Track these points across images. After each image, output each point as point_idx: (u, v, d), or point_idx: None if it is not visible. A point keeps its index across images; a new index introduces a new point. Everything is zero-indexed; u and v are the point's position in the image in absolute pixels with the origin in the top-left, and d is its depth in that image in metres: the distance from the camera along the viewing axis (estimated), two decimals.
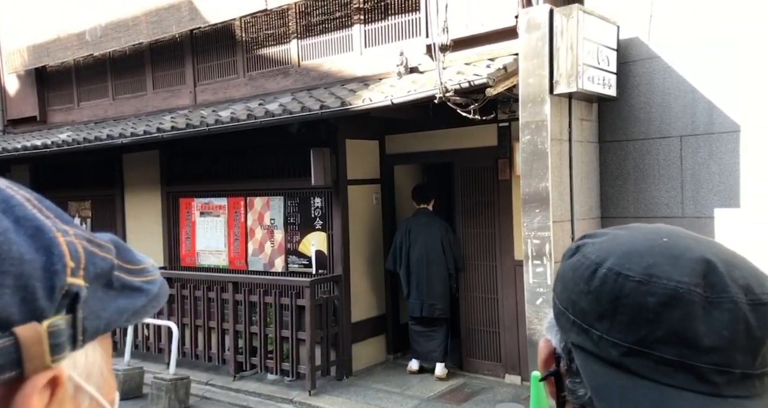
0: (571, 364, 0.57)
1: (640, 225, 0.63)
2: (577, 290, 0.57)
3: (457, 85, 4.35)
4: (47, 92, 8.91)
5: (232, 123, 5.67)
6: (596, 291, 0.55)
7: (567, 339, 0.58)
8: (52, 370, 0.33)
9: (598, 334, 0.54)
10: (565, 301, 0.58)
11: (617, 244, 0.58)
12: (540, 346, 0.63)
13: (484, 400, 5.30)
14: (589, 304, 0.55)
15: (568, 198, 4.44)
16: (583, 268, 0.57)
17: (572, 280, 0.58)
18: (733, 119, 4.42)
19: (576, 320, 0.56)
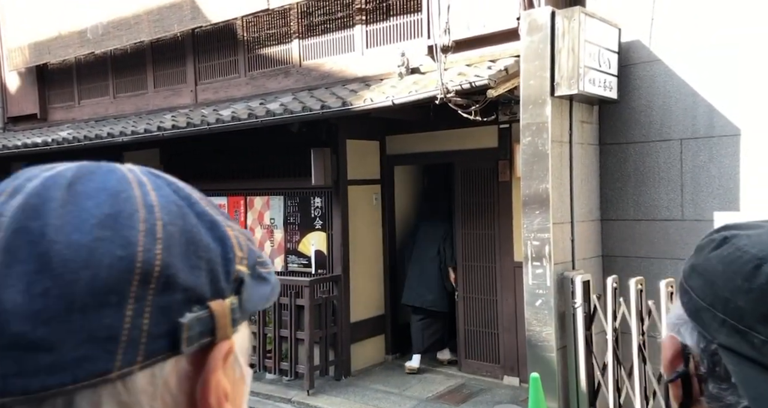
0: (715, 367, 0.52)
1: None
2: (731, 286, 0.51)
3: (458, 86, 4.36)
4: (48, 90, 8.91)
5: (233, 122, 5.68)
6: (761, 289, 0.50)
7: (713, 339, 0.52)
8: (229, 340, 0.40)
9: (761, 337, 0.49)
10: (711, 297, 0.53)
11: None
12: (664, 345, 0.58)
13: (482, 402, 5.30)
14: (750, 304, 0.50)
15: (568, 200, 4.45)
16: (741, 262, 0.52)
17: (723, 274, 0.52)
18: (734, 123, 4.42)
19: (728, 320, 0.51)
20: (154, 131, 6.23)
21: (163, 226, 0.38)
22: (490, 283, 5.81)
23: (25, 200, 0.36)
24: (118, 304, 0.35)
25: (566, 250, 4.40)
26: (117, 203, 0.37)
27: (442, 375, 5.96)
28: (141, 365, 0.35)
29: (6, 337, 0.33)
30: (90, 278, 0.34)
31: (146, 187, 0.40)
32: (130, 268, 0.35)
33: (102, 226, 0.36)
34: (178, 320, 0.37)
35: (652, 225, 4.73)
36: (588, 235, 4.69)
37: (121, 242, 0.36)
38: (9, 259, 0.34)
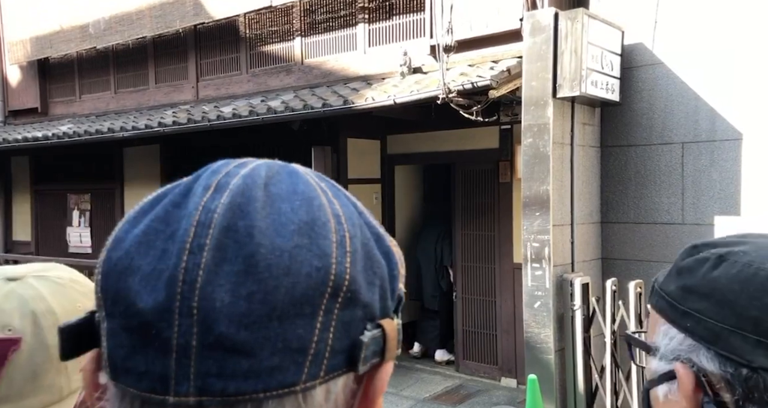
0: (754, 392, 0.49)
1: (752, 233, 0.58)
2: (758, 305, 0.49)
3: (460, 86, 4.35)
4: (49, 84, 8.89)
5: (234, 119, 5.67)
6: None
7: (748, 363, 0.49)
8: (392, 362, 0.39)
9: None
10: (734, 319, 0.50)
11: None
12: (680, 374, 0.53)
13: (479, 403, 5.29)
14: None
15: (569, 202, 4.44)
16: (760, 279, 0.50)
17: (745, 294, 0.50)
18: (736, 127, 4.41)
19: (763, 340, 0.48)
20: (154, 127, 6.22)
21: (350, 239, 0.37)
22: (490, 284, 5.80)
23: (232, 198, 0.35)
24: (311, 316, 0.34)
25: (566, 252, 4.39)
26: (312, 210, 0.37)
27: (440, 376, 5.95)
28: (322, 380, 0.35)
29: (213, 336, 0.33)
30: (290, 286, 0.34)
31: (329, 195, 0.39)
32: (325, 280, 0.35)
33: (300, 233, 0.35)
34: (358, 337, 0.36)
35: (652, 228, 4.72)
36: (588, 237, 4.68)
37: (317, 252, 0.35)
38: (219, 257, 0.33)
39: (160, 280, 0.33)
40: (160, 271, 0.34)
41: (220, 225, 0.34)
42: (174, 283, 0.33)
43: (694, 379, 0.52)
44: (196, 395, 0.33)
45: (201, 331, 0.33)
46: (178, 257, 0.34)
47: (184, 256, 0.34)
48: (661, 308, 0.56)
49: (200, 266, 0.33)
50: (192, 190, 0.37)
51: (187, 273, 0.33)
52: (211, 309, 0.33)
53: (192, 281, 0.33)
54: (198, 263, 0.33)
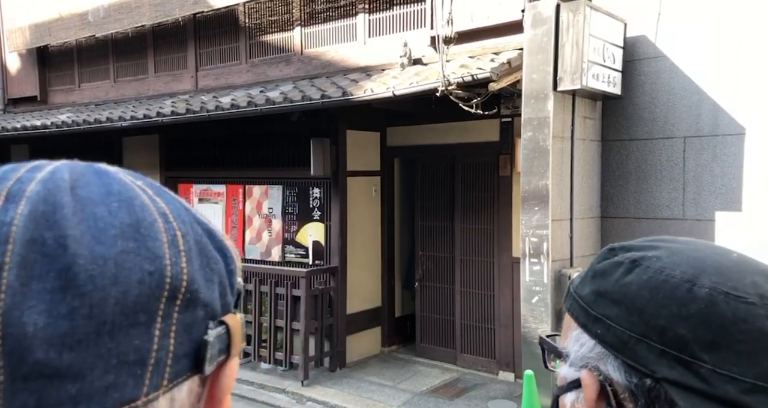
0: (654, 403, 0.47)
1: (672, 237, 0.55)
2: (665, 314, 0.47)
3: (459, 78, 4.29)
4: (48, 72, 8.85)
5: (232, 110, 5.62)
6: (701, 314, 0.46)
7: (652, 374, 0.47)
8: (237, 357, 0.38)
9: (707, 367, 0.45)
10: (641, 327, 0.48)
11: (695, 259, 0.50)
12: (585, 382, 0.52)
13: (476, 396, 5.29)
14: (692, 331, 0.46)
15: (568, 196, 4.39)
16: (669, 286, 0.48)
17: (652, 301, 0.48)
18: (739, 122, 4.36)
19: (667, 350, 0.46)
20: (153, 117, 6.18)
21: (183, 237, 0.35)
22: (488, 278, 5.78)
23: (33, 207, 0.31)
24: (147, 324, 0.32)
25: (565, 247, 4.36)
26: (134, 211, 0.34)
27: (438, 369, 5.95)
28: (165, 389, 0.33)
29: (27, 366, 0.29)
30: (120, 296, 0.31)
31: (149, 193, 0.36)
32: (161, 283, 0.33)
33: (125, 237, 0.32)
34: (203, 338, 0.35)
35: (652, 223, 4.68)
36: (587, 232, 4.65)
37: (148, 255, 0.33)
38: (25, 275, 0.30)
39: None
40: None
41: (21, 239, 0.30)
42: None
43: (599, 388, 0.51)
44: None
45: (11, 362, 0.29)
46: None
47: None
48: (573, 312, 0.54)
49: (1, 289, 0.29)
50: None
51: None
52: (22, 336, 0.29)
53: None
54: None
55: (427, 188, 6.20)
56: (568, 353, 0.54)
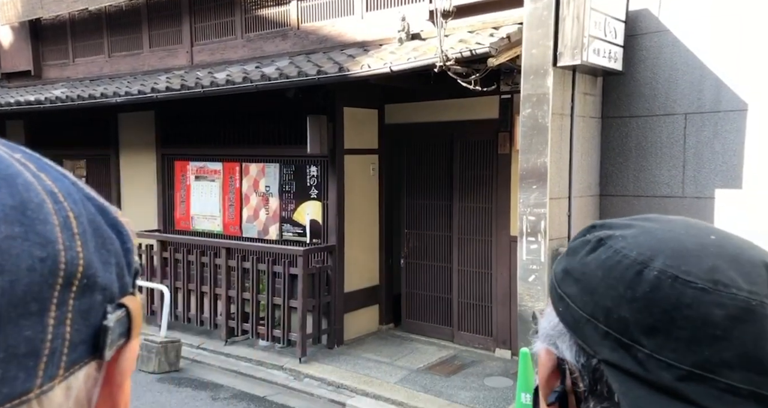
0: (597, 385, 0.47)
1: (660, 216, 0.53)
2: (612, 295, 0.46)
3: (458, 53, 4.21)
4: (42, 46, 8.71)
5: (228, 86, 5.54)
6: (645, 298, 0.45)
7: (594, 354, 0.47)
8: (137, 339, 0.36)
9: (645, 351, 0.44)
10: (591, 307, 0.47)
11: (659, 240, 0.48)
12: (541, 358, 0.52)
13: (473, 373, 5.32)
14: (634, 314, 0.45)
15: (567, 175, 4.35)
16: (621, 267, 0.47)
17: (603, 281, 0.47)
18: (741, 97, 4.28)
19: (610, 332, 0.46)
20: (147, 93, 6.10)
21: (75, 218, 0.32)
22: (486, 256, 5.77)
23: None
24: (40, 313, 0.30)
25: (562, 225, 4.33)
26: (17, 191, 0.30)
27: (435, 346, 5.98)
28: (61, 379, 0.31)
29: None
30: (8, 286, 0.29)
31: (32, 168, 0.33)
32: (54, 270, 0.30)
33: (8, 221, 0.29)
34: (102, 324, 0.33)
35: (651, 201, 4.64)
36: (586, 210, 4.61)
37: (37, 240, 0.30)
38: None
39: None
40: None
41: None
42: None
43: (554, 365, 0.50)
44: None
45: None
46: None
47: None
48: (549, 288, 0.54)
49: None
50: None
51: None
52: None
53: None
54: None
55: (424, 166, 6.15)
56: (538, 329, 0.54)
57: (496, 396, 4.87)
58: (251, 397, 5.12)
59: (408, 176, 6.29)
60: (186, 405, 4.96)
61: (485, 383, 5.11)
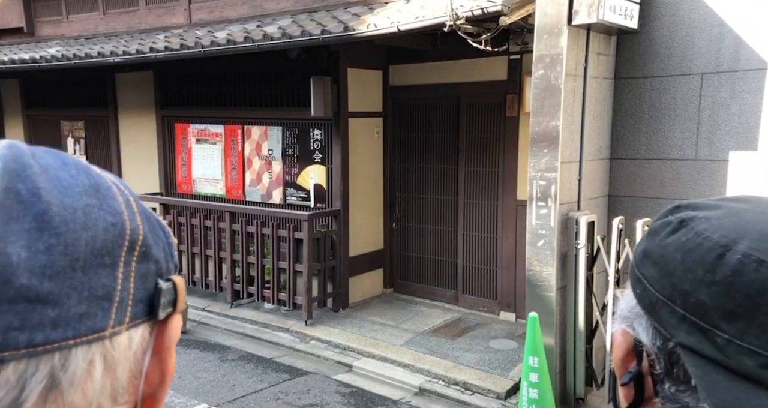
0: (673, 368, 0.46)
1: (752, 196, 0.52)
2: (691, 278, 0.45)
3: (469, 12, 4.04)
4: (34, 1, 8.44)
5: (229, 45, 5.37)
6: (726, 282, 0.43)
7: (671, 337, 0.46)
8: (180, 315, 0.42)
9: (725, 337, 0.43)
10: (669, 290, 0.46)
11: (745, 222, 0.46)
12: (616, 340, 0.52)
13: (478, 336, 5.35)
14: (714, 298, 0.44)
15: (578, 138, 4.25)
16: (702, 250, 0.45)
17: (683, 264, 0.46)
18: (762, 56, 4.14)
19: (688, 316, 0.45)
20: (146, 52, 5.92)
21: (135, 202, 0.40)
22: (492, 221, 5.72)
23: (5, 164, 0.35)
24: (112, 266, 0.37)
25: (573, 190, 4.26)
26: (91, 176, 0.39)
27: (439, 309, 6.00)
28: (127, 326, 0.37)
29: (12, 289, 0.33)
30: (90, 239, 0.36)
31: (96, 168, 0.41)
32: (122, 234, 0.37)
33: (88, 194, 0.37)
34: (156, 286, 0.39)
35: (663, 164, 4.56)
36: (596, 174, 4.54)
37: (109, 210, 0.37)
38: (5, 216, 0.34)
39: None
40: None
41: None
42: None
43: (630, 347, 0.51)
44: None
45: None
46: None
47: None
48: (630, 270, 0.54)
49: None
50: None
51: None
52: (8, 263, 0.33)
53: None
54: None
55: (429, 129, 6.03)
56: (615, 310, 0.54)
57: (501, 358, 4.91)
58: (258, 359, 5.17)
59: (413, 139, 6.17)
60: (195, 366, 5.00)
61: (490, 345, 5.15)
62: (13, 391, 0.33)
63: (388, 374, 4.79)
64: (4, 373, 0.33)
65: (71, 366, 0.34)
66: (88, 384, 0.35)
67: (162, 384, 0.41)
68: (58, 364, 0.34)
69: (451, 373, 4.65)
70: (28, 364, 0.33)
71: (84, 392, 0.35)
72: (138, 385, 0.39)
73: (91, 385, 0.35)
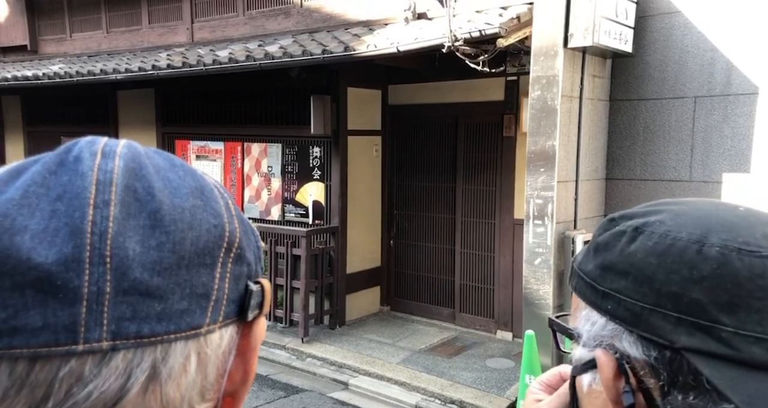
0: (677, 376, 0.44)
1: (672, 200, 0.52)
2: (677, 279, 0.44)
3: (467, 33, 4.13)
4: (38, 20, 8.55)
5: (230, 64, 5.45)
6: (715, 275, 0.43)
7: (671, 343, 0.44)
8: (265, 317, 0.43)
9: (729, 330, 0.42)
10: (653, 297, 0.45)
11: (698, 218, 0.47)
12: (600, 362, 0.49)
13: (474, 355, 5.35)
14: (708, 294, 0.43)
15: (575, 158, 4.31)
16: (677, 250, 0.45)
17: (662, 268, 0.45)
18: (752, 80, 4.24)
19: (684, 317, 0.44)
20: (148, 70, 6.00)
21: (233, 205, 0.42)
22: (489, 239, 5.76)
23: (126, 163, 0.37)
24: (211, 266, 0.38)
25: (569, 208, 4.31)
26: (197, 178, 0.40)
27: (436, 327, 6.00)
28: (220, 325, 0.38)
29: (128, 281, 0.34)
30: (195, 238, 0.37)
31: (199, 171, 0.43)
32: (222, 235, 0.39)
33: (194, 195, 0.39)
34: (247, 288, 0.40)
35: (658, 185, 4.62)
36: (592, 194, 4.59)
37: (212, 212, 0.39)
38: (125, 212, 0.35)
39: (59, 236, 0.34)
40: (56, 228, 0.34)
41: (121, 184, 0.36)
42: (81, 235, 0.34)
43: (616, 366, 0.48)
44: (110, 340, 0.34)
45: (115, 277, 0.34)
46: (81, 211, 0.35)
47: (89, 210, 0.35)
48: (580, 290, 0.52)
49: (109, 219, 0.35)
50: (67, 159, 0.37)
51: (95, 225, 0.34)
52: (125, 257, 0.34)
53: (102, 232, 0.34)
54: (106, 216, 0.35)
55: (427, 148, 6.10)
56: (580, 334, 0.52)
57: (498, 377, 4.91)
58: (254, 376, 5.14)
59: (411, 158, 6.24)
60: None
61: (487, 364, 5.14)
62: (121, 378, 0.34)
63: (384, 392, 4.78)
64: (115, 361, 0.34)
65: (170, 359, 0.36)
66: (182, 378, 0.37)
67: (244, 383, 0.42)
68: (160, 356, 0.35)
69: (447, 392, 4.63)
70: (135, 354, 0.34)
71: (179, 386, 0.36)
72: (222, 383, 0.40)
73: (185, 379, 0.37)
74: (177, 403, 0.37)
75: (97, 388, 0.34)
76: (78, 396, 0.33)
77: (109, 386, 0.34)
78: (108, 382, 0.34)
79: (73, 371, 0.33)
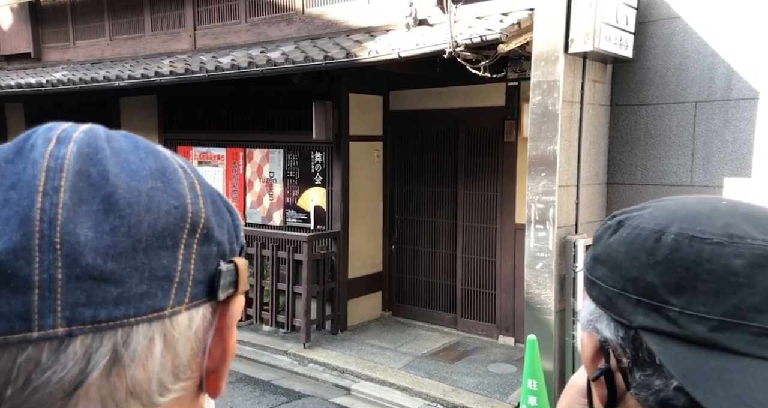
0: (638, 353, 0.48)
1: (676, 196, 0.56)
2: (637, 264, 0.48)
3: (468, 39, 4.16)
4: (42, 28, 8.61)
5: (233, 70, 5.48)
6: (666, 260, 0.47)
7: (630, 324, 0.48)
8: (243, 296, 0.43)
9: (676, 309, 0.46)
10: (620, 282, 0.49)
11: (673, 211, 0.51)
12: (583, 343, 0.54)
13: (476, 360, 5.34)
14: (659, 277, 0.47)
15: (576, 162, 4.32)
16: (641, 239, 0.49)
17: (627, 255, 0.49)
18: (753, 85, 4.25)
19: (641, 299, 0.48)
20: (151, 77, 6.03)
21: (199, 186, 0.41)
22: (490, 244, 5.76)
23: (80, 148, 0.37)
24: (173, 248, 0.38)
25: (570, 213, 4.31)
26: (159, 160, 0.40)
27: (438, 332, 6.00)
28: (186, 306, 0.38)
29: (79, 267, 0.34)
30: (152, 221, 0.37)
31: (168, 152, 0.43)
32: (184, 216, 0.39)
33: (153, 177, 0.38)
34: (217, 268, 0.40)
35: (659, 190, 4.63)
36: (593, 198, 4.60)
37: (173, 193, 0.39)
38: (76, 198, 0.35)
39: (9, 224, 0.34)
40: (7, 217, 0.34)
41: (72, 169, 0.36)
42: (29, 223, 0.34)
43: (596, 347, 0.52)
44: (65, 326, 0.34)
45: (66, 264, 0.34)
46: (30, 199, 0.35)
47: (37, 197, 0.35)
48: (583, 281, 0.57)
49: (58, 205, 0.35)
50: (25, 147, 0.37)
51: (44, 212, 0.34)
52: (76, 243, 0.34)
53: (51, 219, 0.34)
54: (55, 203, 0.35)
55: (429, 153, 6.12)
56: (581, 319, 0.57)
57: (500, 382, 4.90)
58: (256, 381, 5.14)
59: (413, 163, 6.26)
60: None
61: (489, 369, 5.13)
62: (81, 362, 0.34)
63: (387, 398, 4.77)
64: (72, 346, 0.34)
65: (132, 342, 0.36)
66: (148, 360, 0.37)
67: (223, 360, 0.42)
68: (121, 340, 0.35)
69: (449, 397, 4.63)
70: (93, 339, 0.35)
71: (145, 368, 0.37)
72: (201, 362, 0.41)
73: (152, 361, 0.37)
74: (145, 385, 0.37)
75: (56, 373, 0.34)
76: (37, 382, 0.34)
77: (68, 371, 0.34)
78: (67, 368, 0.34)
79: (31, 358, 0.34)
